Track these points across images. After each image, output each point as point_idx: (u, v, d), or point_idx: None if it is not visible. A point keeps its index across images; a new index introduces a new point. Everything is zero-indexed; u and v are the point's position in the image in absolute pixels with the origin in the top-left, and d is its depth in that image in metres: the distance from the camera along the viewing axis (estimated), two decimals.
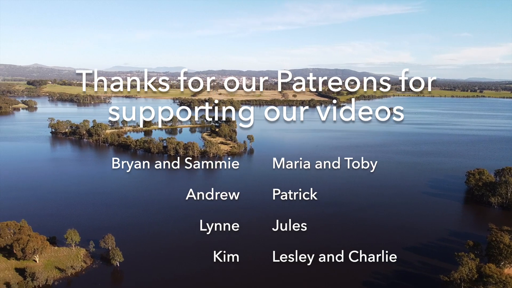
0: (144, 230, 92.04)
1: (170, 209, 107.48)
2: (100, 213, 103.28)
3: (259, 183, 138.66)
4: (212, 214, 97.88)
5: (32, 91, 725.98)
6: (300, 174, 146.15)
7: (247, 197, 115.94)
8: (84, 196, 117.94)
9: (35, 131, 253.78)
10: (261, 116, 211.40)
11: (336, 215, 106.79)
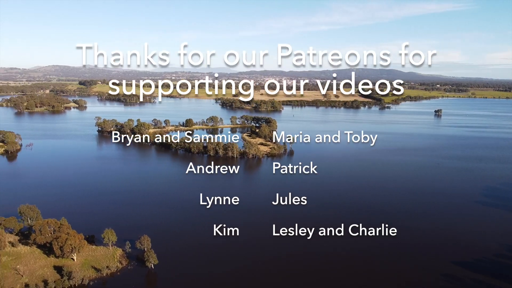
0: (180, 232, 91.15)
1: (207, 211, 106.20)
2: (138, 212, 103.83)
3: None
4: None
5: (83, 91, 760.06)
6: (342, 179, 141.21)
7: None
8: (124, 194, 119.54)
9: (83, 129, 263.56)
10: (302, 117, 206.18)
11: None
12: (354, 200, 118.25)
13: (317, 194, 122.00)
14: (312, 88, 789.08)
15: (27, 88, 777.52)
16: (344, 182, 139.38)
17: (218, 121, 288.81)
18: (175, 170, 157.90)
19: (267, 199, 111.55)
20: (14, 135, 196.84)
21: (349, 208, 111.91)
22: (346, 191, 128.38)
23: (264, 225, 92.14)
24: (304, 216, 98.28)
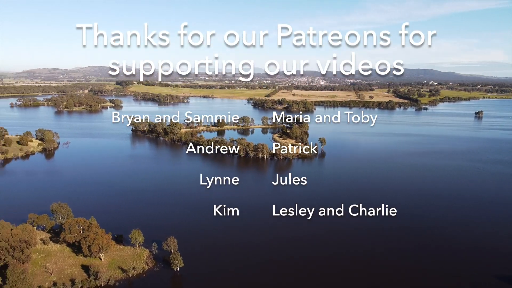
0: (207, 234, 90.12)
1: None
2: (166, 212, 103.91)
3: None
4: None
5: (120, 91, 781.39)
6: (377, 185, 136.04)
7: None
8: (154, 193, 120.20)
9: (118, 128, 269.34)
10: (336, 118, 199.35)
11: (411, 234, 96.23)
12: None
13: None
14: (345, 88, 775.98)
15: (68, 88, 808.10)
16: (382, 188, 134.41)
17: (249, 121, 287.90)
18: (205, 170, 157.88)
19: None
20: (52, 133, 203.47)
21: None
22: (384, 197, 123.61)
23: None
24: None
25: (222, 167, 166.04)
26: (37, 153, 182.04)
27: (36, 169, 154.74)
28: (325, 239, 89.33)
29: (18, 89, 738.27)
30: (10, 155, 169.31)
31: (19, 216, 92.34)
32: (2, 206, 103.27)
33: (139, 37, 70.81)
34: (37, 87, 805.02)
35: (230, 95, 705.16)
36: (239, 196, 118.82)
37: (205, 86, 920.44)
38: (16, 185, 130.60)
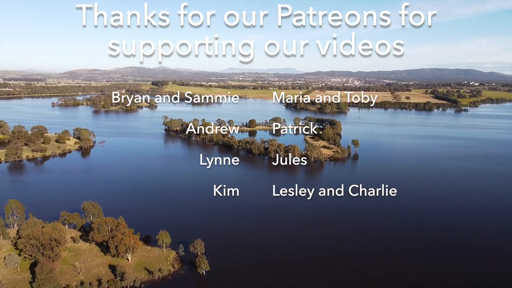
0: (236, 238, 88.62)
1: (265, 217, 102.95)
2: (194, 213, 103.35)
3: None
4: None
5: (155, 91, 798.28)
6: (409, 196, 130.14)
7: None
8: (183, 193, 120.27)
9: (152, 128, 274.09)
10: (369, 119, 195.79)
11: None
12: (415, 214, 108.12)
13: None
14: (380, 89, 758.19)
15: (106, 88, 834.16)
16: (415, 196, 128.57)
17: (281, 122, 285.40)
18: (235, 169, 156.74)
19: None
20: (88, 132, 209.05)
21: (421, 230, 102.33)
22: (421, 207, 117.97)
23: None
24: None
25: (253, 168, 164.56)
26: (73, 151, 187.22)
27: (72, 167, 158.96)
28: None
29: (60, 89, 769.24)
30: (48, 153, 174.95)
31: (52, 213, 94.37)
32: (37, 203, 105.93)
33: (139, 18, 70.47)
34: (78, 87, 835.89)
35: (263, 95, 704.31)
36: (272, 202, 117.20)
37: (239, 86, 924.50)
38: (51, 182, 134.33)
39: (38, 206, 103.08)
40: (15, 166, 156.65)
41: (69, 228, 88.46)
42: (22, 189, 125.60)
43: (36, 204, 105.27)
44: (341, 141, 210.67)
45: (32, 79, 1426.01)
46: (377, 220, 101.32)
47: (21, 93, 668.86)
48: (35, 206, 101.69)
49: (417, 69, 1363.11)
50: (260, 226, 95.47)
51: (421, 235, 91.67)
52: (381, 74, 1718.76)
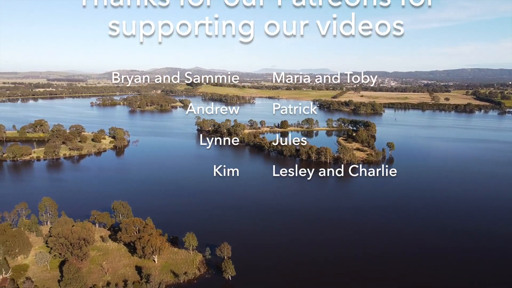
0: (263, 243, 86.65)
1: (295, 222, 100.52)
2: (222, 215, 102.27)
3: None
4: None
5: (190, 91, 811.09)
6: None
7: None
8: (212, 195, 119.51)
9: (184, 128, 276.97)
10: (406, 121, 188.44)
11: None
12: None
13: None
14: (417, 89, 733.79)
15: (142, 88, 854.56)
16: (456, 205, 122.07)
17: (314, 123, 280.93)
18: (266, 172, 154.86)
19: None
20: (123, 131, 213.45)
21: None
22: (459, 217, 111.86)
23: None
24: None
25: (284, 168, 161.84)
26: (108, 150, 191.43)
27: (105, 165, 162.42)
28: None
29: (99, 89, 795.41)
30: (84, 152, 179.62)
31: (84, 211, 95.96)
32: (70, 201, 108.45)
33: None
34: (116, 87, 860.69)
35: (296, 96, 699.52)
36: (300, 206, 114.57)
37: (272, 87, 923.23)
38: (85, 180, 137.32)
39: (71, 204, 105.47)
40: (52, 163, 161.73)
41: (99, 227, 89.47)
42: (57, 187, 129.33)
43: (69, 201, 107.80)
44: (375, 143, 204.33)
45: (74, 79, 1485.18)
46: (414, 228, 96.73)
47: (63, 93, 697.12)
48: (68, 204, 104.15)
49: (457, 69, 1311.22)
50: (288, 230, 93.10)
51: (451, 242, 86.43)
52: (418, 75, 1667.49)
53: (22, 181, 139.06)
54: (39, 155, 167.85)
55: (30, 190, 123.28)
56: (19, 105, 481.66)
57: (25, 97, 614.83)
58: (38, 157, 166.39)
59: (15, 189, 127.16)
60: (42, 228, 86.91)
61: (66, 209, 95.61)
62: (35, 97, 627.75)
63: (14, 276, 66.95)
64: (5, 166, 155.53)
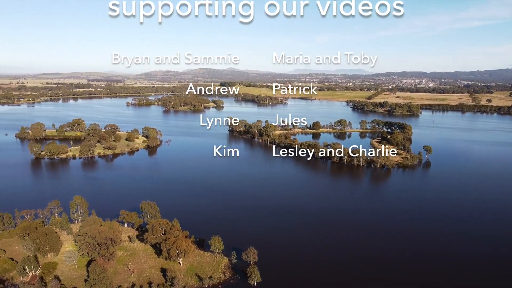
0: (291, 247, 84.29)
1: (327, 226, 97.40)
2: (251, 218, 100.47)
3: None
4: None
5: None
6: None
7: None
8: (241, 196, 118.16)
9: (216, 128, 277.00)
10: (444, 123, 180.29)
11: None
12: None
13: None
14: (457, 90, 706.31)
15: (177, 88, 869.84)
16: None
17: (347, 124, 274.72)
18: (295, 174, 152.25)
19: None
20: (156, 131, 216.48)
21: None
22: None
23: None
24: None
25: (314, 172, 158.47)
26: (141, 149, 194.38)
27: (137, 164, 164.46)
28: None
29: (135, 89, 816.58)
30: (118, 151, 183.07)
31: (114, 210, 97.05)
32: (101, 199, 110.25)
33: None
34: (151, 88, 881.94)
35: (329, 97, 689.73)
36: (327, 211, 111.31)
37: (305, 87, 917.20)
38: (116, 179, 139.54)
39: (102, 202, 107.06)
40: (87, 162, 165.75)
41: (128, 227, 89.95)
42: (89, 185, 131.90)
43: (100, 200, 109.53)
44: (411, 146, 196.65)
45: (112, 80, 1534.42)
46: (446, 236, 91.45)
47: (101, 93, 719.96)
48: (99, 202, 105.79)
49: (501, 70, 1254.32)
50: (317, 235, 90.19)
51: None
52: (458, 75, 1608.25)
53: (57, 178, 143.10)
54: (74, 153, 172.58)
55: (64, 188, 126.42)
56: (60, 105, 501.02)
57: (65, 96, 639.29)
58: (74, 155, 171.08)
59: (49, 186, 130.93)
60: (72, 226, 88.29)
61: (97, 207, 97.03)
62: (75, 97, 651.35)
63: (43, 273, 67.98)
64: (43, 163, 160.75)
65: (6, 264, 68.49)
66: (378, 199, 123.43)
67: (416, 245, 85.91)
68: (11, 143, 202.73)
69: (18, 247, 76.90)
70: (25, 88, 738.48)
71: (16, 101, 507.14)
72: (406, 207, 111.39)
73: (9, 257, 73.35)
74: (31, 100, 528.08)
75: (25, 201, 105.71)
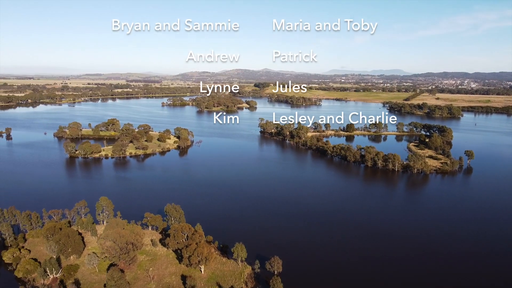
0: (316, 258, 79.99)
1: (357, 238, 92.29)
2: (278, 225, 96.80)
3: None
4: None
5: (257, 92, 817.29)
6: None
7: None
8: (269, 201, 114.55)
9: (248, 129, 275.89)
10: (488, 127, 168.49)
11: None
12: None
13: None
14: (502, 92, 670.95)
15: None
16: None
17: (382, 127, 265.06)
18: (327, 179, 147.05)
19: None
20: (187, 132, 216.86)
21: None
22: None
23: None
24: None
25: (347, 177, 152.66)
26: (172, 150, 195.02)
27: (167, 165, 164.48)
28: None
29: (171, 90, 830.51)
30: (149, 151, 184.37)
31: (139, 211, 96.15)
32: (127, 201, 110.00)
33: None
34: (187, 88, 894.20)
35: (365, 98, 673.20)
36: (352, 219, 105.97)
37: (340, 88, 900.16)
38: (146, 180, 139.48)
39: (128, 203, 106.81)
40: (119, 162, 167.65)
41: (152, 230, 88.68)
42: (117, 185, 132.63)
43: (126, 201, 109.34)
44: (451, 151, 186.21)
45: (150, 80, 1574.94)
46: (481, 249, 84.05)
47: (138, 93, 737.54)
48: (126, 204, 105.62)
49: None
50: (350, 250, 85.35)
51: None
52: (503, 76, 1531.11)
53: (89, 177, 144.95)
54: (107, 153, 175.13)
55: (93, 188, 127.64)
56: (99, 105, 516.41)
57: (104, 97, 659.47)
58: (107, 155, 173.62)
59: (80, 186, 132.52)
60: (98, 227, 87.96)
61: (123, 208, 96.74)
62: (113, 97, 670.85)
63: (63, 276, 67.38)
64: (76, 162, 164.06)
65: (29, 265, 68.46)
66: (414, 207, 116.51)
67: (462, 266, 79.03)
68: (49, 142, 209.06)
69: (43, 248, 77.06)
70: (67, 89, 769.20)
71: (58, 101, 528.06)
72: (446, 219, 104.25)
73: (33, 258, 73.53)
74: (72, 100, 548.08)
75: (54, 200, 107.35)
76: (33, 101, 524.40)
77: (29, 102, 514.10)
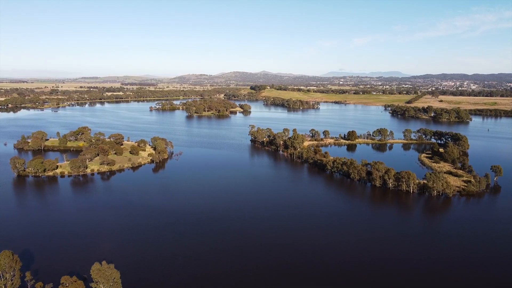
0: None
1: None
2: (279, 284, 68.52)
3: None
4: None
5: (252, 95, 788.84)
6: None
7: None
8: (259, 243, 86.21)
9: (238, 137, 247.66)
10: (501, 132, 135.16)
11: None
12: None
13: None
14: (506, 93, 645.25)
15: (207, 92, 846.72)
16: None
17: (388, 134, 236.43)
18: (327, 201, 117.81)
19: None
20: (165, 142, 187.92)
21: None
22: None
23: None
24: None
25: (350, 199, 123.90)
26: (146, 164, 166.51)
27: (133, 186, 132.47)
28: None
29: (164, 93, 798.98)
30: (116, 167, 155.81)
31: (60, 269, 68.11)
32: (51, 249, 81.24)
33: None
34: (180, 91, 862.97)
35: (364, 100, 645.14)
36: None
37: (338, 90, 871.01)
38: (90, 214, 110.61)
39: (50, 254, 78.09)
40: (77, 182, 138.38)
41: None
42: (50, 223, 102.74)
43: (50, 249, 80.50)
44: (470, 162, 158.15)
45: (146, 83, 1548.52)
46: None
47: (129, 97, 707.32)
48: (46, 255, 77.25)
49: None
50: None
51: None
52: (503, 77, 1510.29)
53: (24, 207, 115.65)
54: (64, 170, 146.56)
55: (17, 227, 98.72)
56: (85, 109, 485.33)
57: (92, 101, 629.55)
58: (63, 172, 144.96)
59: (9, 221, 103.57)
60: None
61: (38, 264, 68.64)
62: (102, 101, 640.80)
63: None
64: (26, 183, 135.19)
65: None
66: (436, 240, 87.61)
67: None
68: (6, 155, 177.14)
69: None
70: (56, 92, 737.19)
71: (40, 106, 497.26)
72: (477, 258, 76.52)
73: None
74: (56, 105, 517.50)
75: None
76: (14, 105, 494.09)
77: (9, 107, 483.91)
